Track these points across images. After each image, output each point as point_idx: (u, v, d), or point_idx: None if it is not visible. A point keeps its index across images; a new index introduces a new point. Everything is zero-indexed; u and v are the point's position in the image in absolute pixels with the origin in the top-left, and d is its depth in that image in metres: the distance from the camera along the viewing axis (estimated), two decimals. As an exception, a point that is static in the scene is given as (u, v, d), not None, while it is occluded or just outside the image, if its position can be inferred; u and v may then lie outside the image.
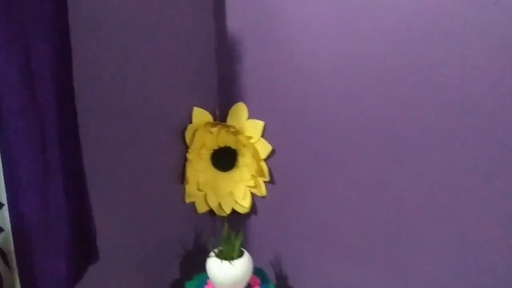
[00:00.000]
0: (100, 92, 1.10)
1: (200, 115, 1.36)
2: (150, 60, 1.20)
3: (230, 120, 1.35)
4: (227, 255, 1.23)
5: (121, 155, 1.17)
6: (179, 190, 1.35)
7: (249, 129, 1.34)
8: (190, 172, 1.36)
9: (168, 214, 1.33)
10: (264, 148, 1.33)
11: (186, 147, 1.35)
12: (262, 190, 1.36)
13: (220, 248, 1.27)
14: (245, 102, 1.34)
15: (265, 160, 1.34)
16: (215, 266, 1.20)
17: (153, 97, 1.23)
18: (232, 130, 1.33)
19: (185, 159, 1.36)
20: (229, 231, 1.26)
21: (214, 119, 1.40)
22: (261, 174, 1.35)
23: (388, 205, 1.09)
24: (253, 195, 1.39)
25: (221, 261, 1.20)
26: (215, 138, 1.36)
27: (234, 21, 1.31)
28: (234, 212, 1.41)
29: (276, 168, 1.34)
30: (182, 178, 1.36)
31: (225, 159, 1.38)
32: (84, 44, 1.06)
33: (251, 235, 1.42)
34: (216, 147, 1.38)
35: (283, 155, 1.31)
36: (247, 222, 1.42)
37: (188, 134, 1.34)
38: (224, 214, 1.40)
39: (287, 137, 1.29)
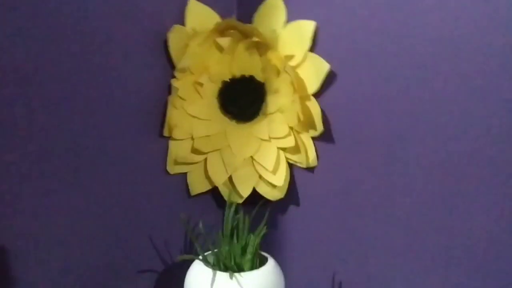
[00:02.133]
0: None
1: (200, 13, 0.75)
2: None
3: (256, 26, 0.74)
4: (230, 263, 0.63)
5: (65, 87, 0.59)
6: (157, 150, 0.75)
7: (289, 40, 0.72)
8: (177, 117, 0.75)
9: (136, 195, 0.72)
10: (315, 74, 0.71)
11: (172, 68, 0.75)
12: (309, 156, 0.74)
13: (215, 250, 0.66)
14: (282, -6, 0.73)
15: (318, 97, 0.72)
16: (203, 280, 0.59)
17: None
18: (257, 41, 0.72)
19: (168, 91, 0.75)
20: (240, 218, 0.64)
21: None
22: (309, 125, 0.72)
23: None
24: (292, 166, 0.77)
25: (216, 273, 0.60)
26: (227, 59, 0.75)
27: None
28: (256, 196, 0.78)
29: (337, 113, 0.71)
30: (162, 126, 0.75)
31: (243, 98, 0.76)
32: None
33: (283, 237, 0.79)
34: (228, 77, 0.76)
35: (352, 86, 0.69)
36: (279, 217, 0.80)
37: (174, 44, 0.73)
38: (239, 200, 0.78)
39: (359, 52, 0.67)
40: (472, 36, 0.57)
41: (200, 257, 0.68)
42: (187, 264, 0.78)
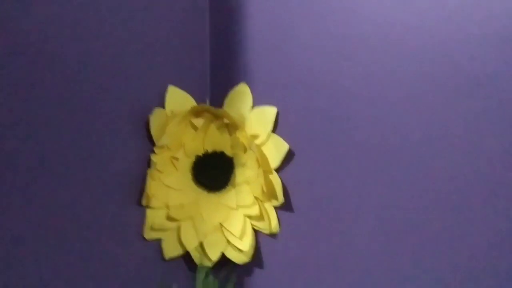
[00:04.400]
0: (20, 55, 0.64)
1: (178, 98, 0.87)
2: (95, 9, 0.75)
3: (226, 110, 0.86)
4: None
5: (41, 151, 0.68)
6: (135, 217, 0.83)
7: (255, 122, 0.84)
8: (155, 187, 0.84)
9: (113, 259, 0.79)
10: (276, 152, 0.82)
11: (152, 145, 0.85)
12: (272, 224, 0.83)
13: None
14: (249, 83, 0.86)
15: (279, 172, 0.83)
16: None
17: (101, 64, 0.76)
18: (227, 122, 0.83)
19: (148, 164, 0.85)
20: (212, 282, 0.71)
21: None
22: (272, 195, 0.82)
23: None
24: (257, 232, 0.86)
25: None
26: (201, 137, 0.86)
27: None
28: (224, 260, 0.86)
29: (296, 185, 0.82)
30: (140, 196, 0.84)
31: (214, 171, 0.86)
32: None
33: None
34: (201, 152, 0.87)
35: (309, 163, 0.80)
36: (246, 279, 0.87)
37: (155, 124, 0.84)
38: (209, 263, 0.85)
39: (314, 134, 0.79)
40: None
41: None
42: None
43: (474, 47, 0.65)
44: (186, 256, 0.89)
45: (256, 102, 0.85)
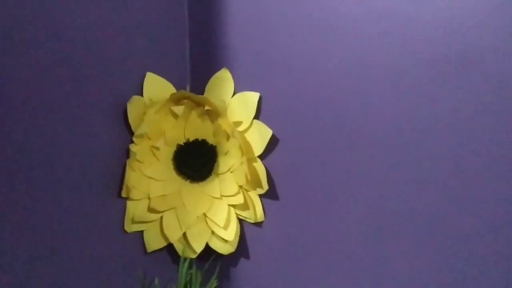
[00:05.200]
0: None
1: (157, 85, 0.83)
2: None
3: (207, 96, 0.83)
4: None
5: (15, 141, 0.64)
6: (116, 210, 0.80)
7: (237, 109, 0.82)
8: (135, 178, 0.81)
9: (93, 253, 0.76)
10: (260, 138, 0.80)
11: (130, 134, 0.82)
12: (257, 212, 0.81)
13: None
14: (230, 69, 0.83)
15: (263, 159, 0.81)
16: None
17: (77, 51, 0.72)
18: (208, 109, 0.81)
19: (127, 155, 0.82)
20: (195, 274, 0.69)
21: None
22: (256, 183, 0.80)
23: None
24: (242, 221, 0.84)
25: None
26: (181, 125, 0.83)
27: None
28: (208, 251, 0.84)
29: (281, 172, 0.80)
30: (120, 188, 0.81)
31: (196, 160, 0.84)
32: None
33: (238, 292, 0.85)
34: (182, 140, 0.84)
35: (293, 149, 0.78)
36: (231, 269, 0.85)
37: (133, 112, 0.81)
38: (193, 255, 0.83)
39: (299, 119, 0.77)
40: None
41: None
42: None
43: (466, 32, 0.64)
44: (169, 248, 0.86)
45: (238, 88, 0.83)
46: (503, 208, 0.61)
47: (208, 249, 0.83)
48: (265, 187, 0.79)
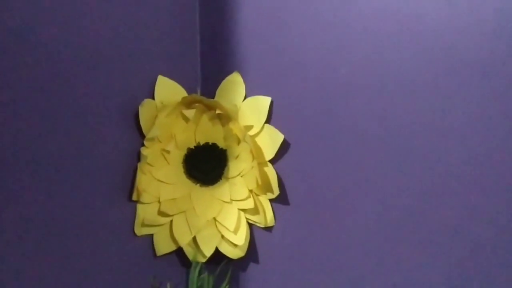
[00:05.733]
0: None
1: (168, 89, 0.83)
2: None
3: (218, 100, 0.83)
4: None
5: (28, 144, 0.64)
6: (126, 213, 0.80)
7: (248, 113, 0.81)
8: (145, 182, 0.81)
9: (103, 256, 0.76)
10: (271, 143, 0.80)
11: (141, 137, 0.82)
12: (267, 217, 0.81)
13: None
14: (241, 72, 0.83)
15: (274, 163, 0.80)
16: None
17: (89, 55, 0.72)
18: (219, 113, 0.80)
19: (137, 158, 0.82)
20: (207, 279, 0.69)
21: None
22: (267, 188, 0.80)
23: None
24: (252, 226, 0.83)
25: None
26: (192, 129, 0.83)
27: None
28: (219, 255, 0.83)
29: (291, 177, 0.79)
30: (130, 191, 0.81)
31: (206, 164, 0.84)
32: None
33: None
34: (192, 144, 0.84)
35: (304, 154, 0.78)
36: (241, 274, 0.85)
37: (144, 115, 0.81)
38: (203, 259, 0.83)
39: (310, 124, 0.77)
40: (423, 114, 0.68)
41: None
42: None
43: (474, 35, 0.63)
44: (179, 252, 0.86)
45: (250, 92, 0.82)
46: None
47: (218, 254, 0.83)
48: (276, 191, 0.79)
